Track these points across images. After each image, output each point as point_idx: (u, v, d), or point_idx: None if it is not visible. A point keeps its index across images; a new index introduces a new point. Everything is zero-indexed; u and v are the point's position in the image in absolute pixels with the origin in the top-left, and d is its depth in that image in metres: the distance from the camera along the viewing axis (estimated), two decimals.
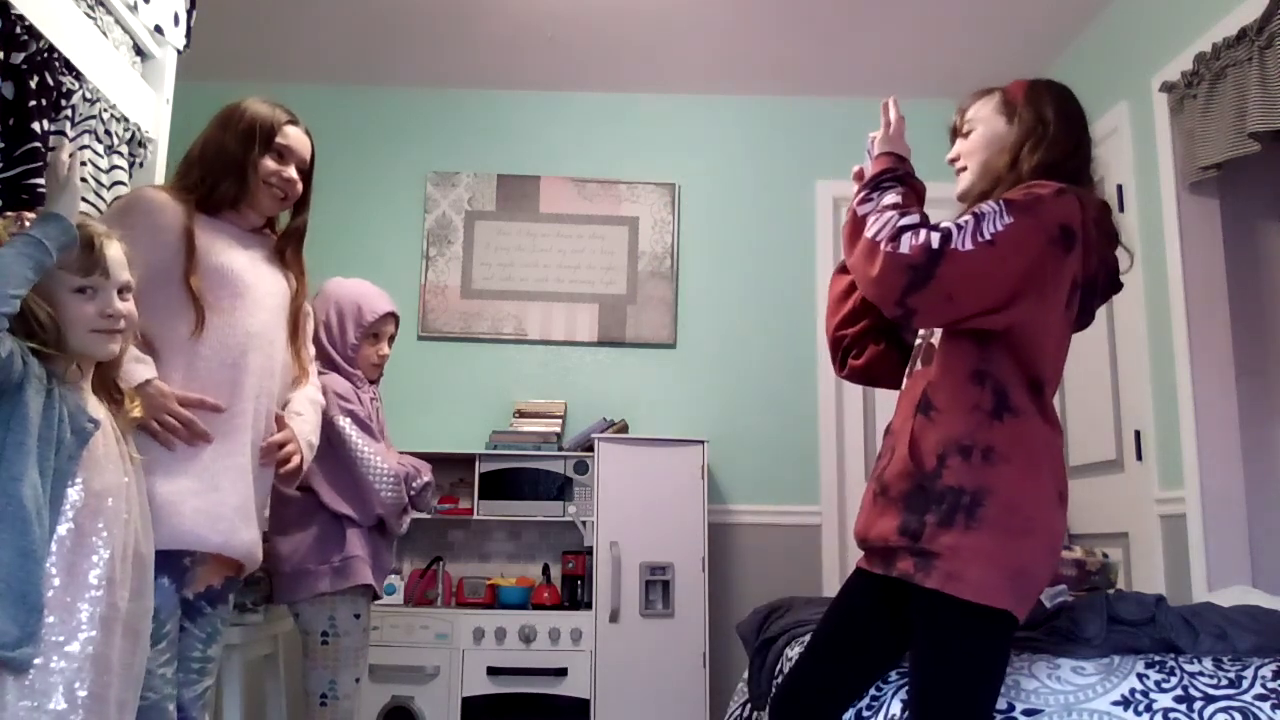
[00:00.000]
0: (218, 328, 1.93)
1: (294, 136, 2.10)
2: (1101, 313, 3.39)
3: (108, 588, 1.51)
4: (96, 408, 1.59)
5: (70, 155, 1.62)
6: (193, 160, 2.05)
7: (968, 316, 1.56)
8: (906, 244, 1.53)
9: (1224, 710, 1.60)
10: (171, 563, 1.83)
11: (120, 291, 1.62)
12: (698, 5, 3.59)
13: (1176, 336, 2.96)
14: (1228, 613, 1.85)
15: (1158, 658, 1.71)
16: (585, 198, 4.22)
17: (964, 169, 1.81)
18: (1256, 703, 1.60)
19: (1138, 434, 3.19)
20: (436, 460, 2.63)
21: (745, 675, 2.25)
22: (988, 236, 1.53)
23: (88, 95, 2.14)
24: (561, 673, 3.42)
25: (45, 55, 1.96)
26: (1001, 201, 1.57)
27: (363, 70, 4.14)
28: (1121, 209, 3.31)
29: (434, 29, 3.78)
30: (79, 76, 2.10)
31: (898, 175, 1.68)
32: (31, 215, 1.58)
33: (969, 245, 1.52)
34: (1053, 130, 1.71)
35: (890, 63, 3.95)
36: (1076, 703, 1.63)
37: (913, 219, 1.57)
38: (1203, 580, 2.79)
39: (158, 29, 2.41)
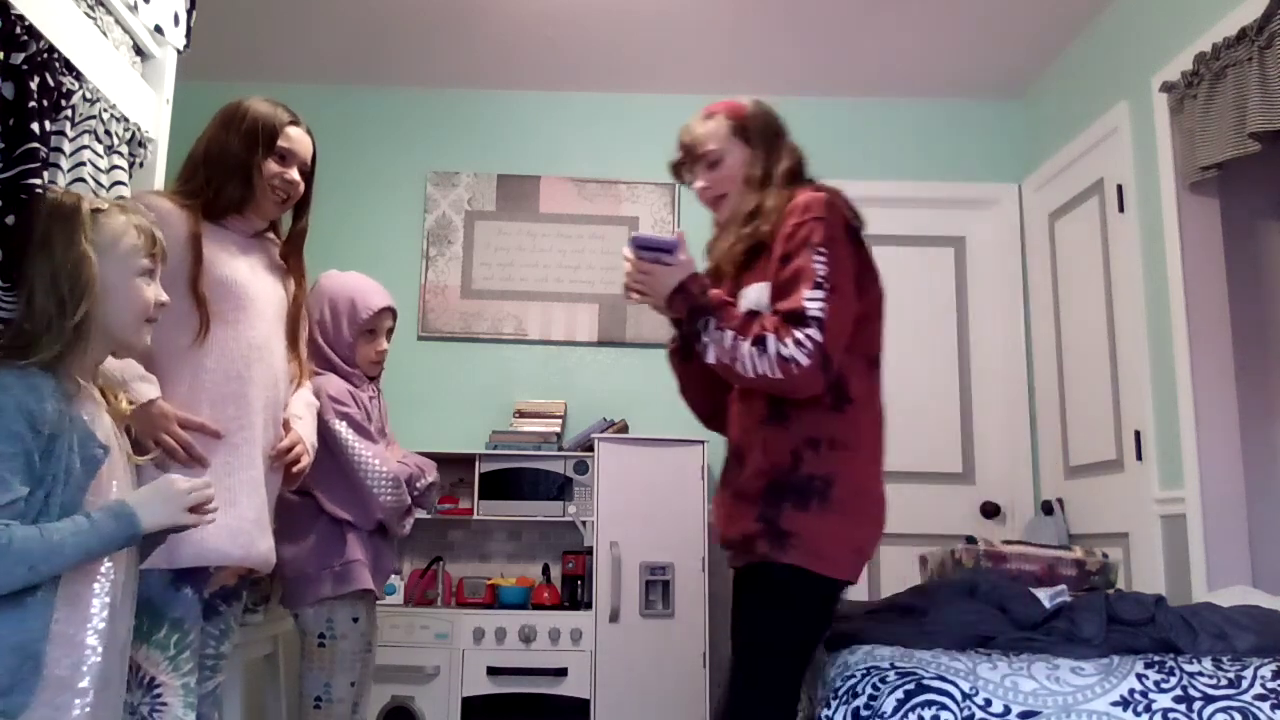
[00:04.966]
0: (220, 339, 1.93)
1: (296, 138, 2.09)
2: (1102, 313, 3.44)
3: (111, 616, 1.47)
4: (105, 427, 1.53)
5: (201, 490, 1.52)
6: (197, 162, 2.04)
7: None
8: (799, 356, 1.71)
9: (1223, 710, 1.60)
10: (195, 575, 1.85)
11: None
12: (697, 6, 3.59)
13: (1176, 336, 2.96)
14: (1228, 613, 1.85)
15: (1157, 658, 1.71)
16: (585, 198, 4.22)
17: (722, 196, 1.98)
18: (1256, 703, 1.60)
19: (1138, 434, 3.19)
20: (436, 460, 2.63)
21: None
22: (827, 286, 1.74)
23: (88, 95, 2.14)
24: (561, 673, 3.42)
25: (45, 55, 1.95)
26: (815, 253, 1.75)
27: (363, 70, 4.14)
28: (1121, 209, 3.31)
29: (434, 29, 3.78)
30: (79, 77, 2.09)
31: (700, 308, 1.81)
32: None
33: (825, 306, 1.72)
34: (781, 140, 1.98)
35: (890, 63, 3.95)
36: (1075, 703, 1.63)
37: (770, 338, 1.73)
38: (1203, 580, 2.79)
39: (158, 29, 2.41)
